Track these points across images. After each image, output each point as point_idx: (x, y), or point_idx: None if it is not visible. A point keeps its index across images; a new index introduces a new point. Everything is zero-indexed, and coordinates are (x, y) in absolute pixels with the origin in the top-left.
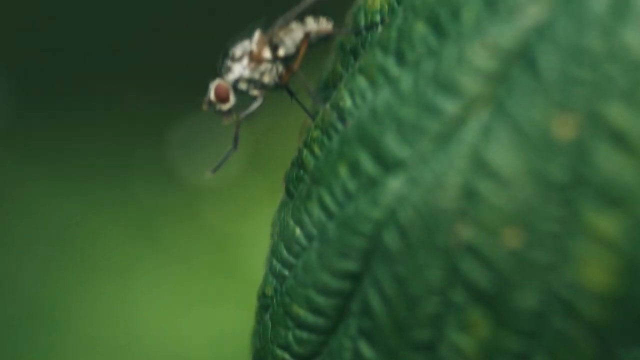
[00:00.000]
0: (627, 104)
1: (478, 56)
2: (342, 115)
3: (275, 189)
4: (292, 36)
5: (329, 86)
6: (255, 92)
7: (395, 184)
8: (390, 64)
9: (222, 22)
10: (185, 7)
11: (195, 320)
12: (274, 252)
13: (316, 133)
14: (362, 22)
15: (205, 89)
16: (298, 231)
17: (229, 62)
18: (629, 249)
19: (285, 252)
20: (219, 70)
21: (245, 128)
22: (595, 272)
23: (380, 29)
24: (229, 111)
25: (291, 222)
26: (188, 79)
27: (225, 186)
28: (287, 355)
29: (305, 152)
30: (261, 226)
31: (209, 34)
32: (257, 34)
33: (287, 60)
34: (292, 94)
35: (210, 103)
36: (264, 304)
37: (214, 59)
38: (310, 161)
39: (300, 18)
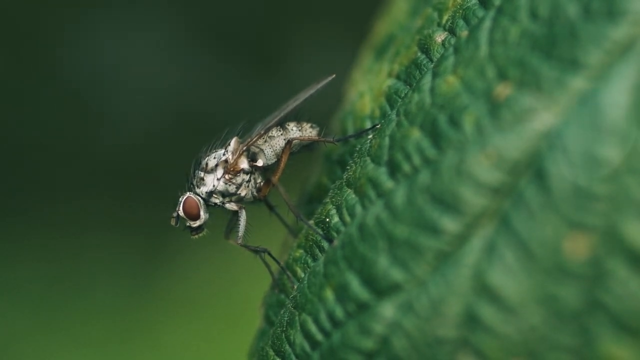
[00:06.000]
0: None
1: (480, 167)
2: (328, 233)
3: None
4: (272, 144)
5: (313, 200)
6: (232, 205)
7: (388, 310)
8: (382, 175)
9: None
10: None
11: None
12: None
13: (299, 253)
14: (350, 129)
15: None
16: None
17: (201, 173)
18: None
19: None
20: (189, 181)
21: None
22: None
23: (370, 136)
24: (199, 227)
25: (271, 353)
26: None
27: None
28: None
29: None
30: None
31: None
32: (233, 142)
33: (266, 171)
34: (271, 208)
35: (179, 218)
36: None
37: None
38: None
39: (282, 124)
